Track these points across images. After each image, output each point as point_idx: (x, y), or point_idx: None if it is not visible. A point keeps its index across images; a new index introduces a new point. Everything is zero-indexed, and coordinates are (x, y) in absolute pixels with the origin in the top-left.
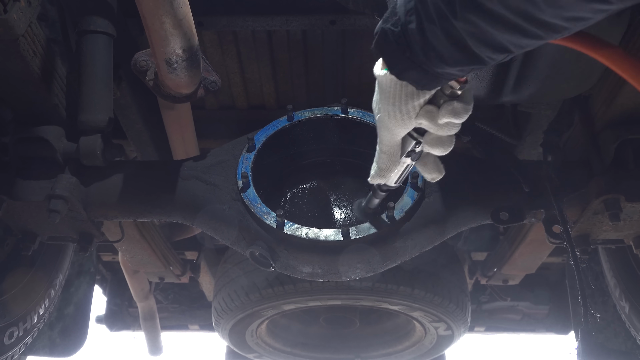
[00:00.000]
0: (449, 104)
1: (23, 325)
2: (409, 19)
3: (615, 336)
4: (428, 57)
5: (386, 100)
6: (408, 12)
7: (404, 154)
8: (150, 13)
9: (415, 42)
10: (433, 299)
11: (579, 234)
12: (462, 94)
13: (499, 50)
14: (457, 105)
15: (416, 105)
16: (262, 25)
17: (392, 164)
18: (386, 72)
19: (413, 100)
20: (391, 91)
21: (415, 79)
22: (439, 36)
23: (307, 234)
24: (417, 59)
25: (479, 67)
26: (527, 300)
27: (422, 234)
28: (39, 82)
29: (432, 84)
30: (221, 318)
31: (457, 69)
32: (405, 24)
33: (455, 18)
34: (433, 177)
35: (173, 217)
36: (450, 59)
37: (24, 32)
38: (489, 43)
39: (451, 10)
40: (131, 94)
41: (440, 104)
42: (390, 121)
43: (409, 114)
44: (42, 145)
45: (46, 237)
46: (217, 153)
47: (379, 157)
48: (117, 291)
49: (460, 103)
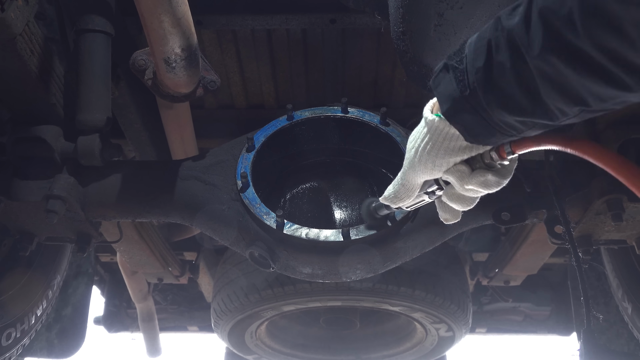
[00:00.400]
0: (483, 173)
1: (20, 327)
2: (478, 56)
3: (618, 337)
4: (488, 100)
5: (424, 145)
6: (478, 49)
7: (423, 192)
8: (149, 12)
9: (478, 80)
10: (434, 300)
11: (581, 235)
12: (500, 168)
13: (573, 102)
14: (490, 178)
15: (451, 162)
16: (262, 24)
17: (407, 197)
18: (436, 118)
19: (451, 156)
20: (434, 138)
21: (468, 125)
22: (507, 75)
23: (307, 234)
24: (476, 101)
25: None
26: (529, 301)
27: (423, 235)
28: (36, 82)
29: (484, 136)
30: (220, 319)
31: (517, 120)
32: (472, 61)
33: (532, 56)
34: (446, 219)
35: (172, 217)
36: (514, 105)
37: (21, 31)
38: (564, 90)
39: (529, 47)
40: (130, 93)
41: (474, 167)
42: (419, 165)
43: (440, 168)
44: (39, 145)
45: (44, 238)
46: (216, 153)
47: (397, 185)
48: (116, 292)
49: (494, 177)
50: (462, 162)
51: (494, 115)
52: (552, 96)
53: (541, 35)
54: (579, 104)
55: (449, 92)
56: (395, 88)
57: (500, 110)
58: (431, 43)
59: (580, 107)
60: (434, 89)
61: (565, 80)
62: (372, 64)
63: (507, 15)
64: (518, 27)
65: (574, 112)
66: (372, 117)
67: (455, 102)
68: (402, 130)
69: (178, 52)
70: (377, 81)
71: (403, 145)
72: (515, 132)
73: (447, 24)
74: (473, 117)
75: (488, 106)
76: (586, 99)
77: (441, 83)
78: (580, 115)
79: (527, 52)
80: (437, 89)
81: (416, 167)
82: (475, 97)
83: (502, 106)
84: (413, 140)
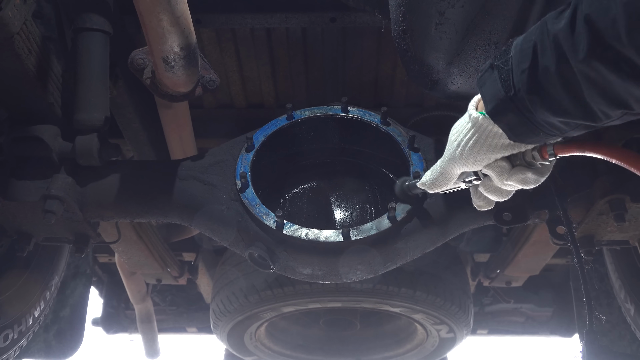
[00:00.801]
0: (523, 171)
1: (18, 328)
2: (524, 58)
3: (620, 339)
4: (532, 101)
5: (467, 141)
6: (523, 51)
7: (460, 180)
8: (148, 10)
9: (523, 81)
10: (435, 301)
11: (584, 235)
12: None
13: (616, 105)
14: (530, 176)
15: (492, 158)
16: (261, 22)
17: (444, 185)
18: (480, 115)
19: (493, 153)
20: (478, 136)
21: (512, 124)
22: (552, 77)
23: (307, 234)
24: (521, 101)
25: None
26: (531, 302)
27: (424, 235)
28: (34, 81)
29: (527, 135)
30: (219, 320)
31: (561, 121)
32: (517, 62)
33: (577, 61)
34: (480, 206)
35: (170, 217)
36: (557, 106)
37: (18, 30)
38: (608, 94)
39: (574, 51)
40: (128, 92)
41: (514, 164)
42: (460, 159)
43: (482, 163)
44: (37, 144)
45: (41, 238)
46: (215, 153)
47: (435, 173)
48: (114, 293)
49: (534, 175)
50: (503, 159)
51: (538, 115)
52: (595, 100)
53: (586, 40)
54: (622, 107)
55: (494, 91)
56: (395, 87)
57: (543, 111)
58: (432, 42)
59: (623, 110)
60: (479, 87)
61: (609, 85)
62: (373, 63)
63: (553, 19)
64: (563, 31)
65: (617, 114)
66: (372, 116)
67: (500, 102)
68: (402, 130)
69: (177, 51)
70: (377, 80)
71: (403, 145)
72: (559, 132)
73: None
74: (517, 117)
75: (532, 107)
76: (629, 102)
77: (487, 82)
78: (623, 117)
79: (572, 56)
80: (483, 88)
81: (457, 160)
82: (520, 97)
83: (546, 107)
84: (456, 134)
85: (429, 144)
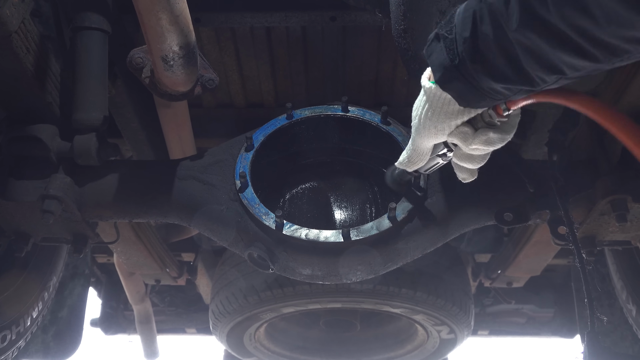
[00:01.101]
0: (485, 132)
1: (16, 329)
2: (465, 27)
3: (622, 340)
4: (476, 69)
5: (425, 112)
6: (464, 20)
7: (435, 155)
8: (147, 9)
9: (466, 50)
10: (435, 301)
11: (585, 235)
12: (501, 125)
13: (551, 70)
14: (492, 135)
15: (452, 124)
16: (261, 21)
17: (420, 161)
18: (432, 85)
19: (451, 119)
20: (432, 104)
21: (460, 91)
22: (491, 46)
23: (306, 235)
24: (465, 69)
25: (526, 88)
26: (532, 303)
27: (425, 235)
28: (32, 80)
29: (475, 101)
30: (219, 321)
31: (504, 87)
32: (460, 31)
33: (511, 30)
34: (463, 178)
35: (169, 217)
36: (499, 73)
37: (16, 29)
38: (542, 61)
39: (508, 21)
40: (127, 91)
41: (477, 127)
42: (423, 131)
43: (443, 132)
44: (35, 144)
45: (39, 239)
46: (214, 152)
47: (409, 151)
48: (112, 294)
49: (496, 134)
50: (465, 124)
51: (481, 82)
52: (532, 66)
53: (518, 11)
54: (556, 73)
55: (440, 60)
56: (396, 86)
57: (486, 78)
58: None
59: (557, 75)
60: (427, 57)
61: (542, 52)
62: (373, 62)
63: None
64: (498, 1)
65: (552, 79)
66: (372, 116)
67: (446, 71)
68: (403, 130)
69: (176, 50)
70: (377, 80)
71: (404, 145)
72: (502, 97)
73: None
74: (463, 84)
75: (475, 74)
76: (562, 68)
77: (433, 52)
78: (559, 82)
79: (506, 25)
80: (430, 57)
81: (421, 133)
82: (464, 65)
83: (488, 74)
84: (415, 109)
85: None
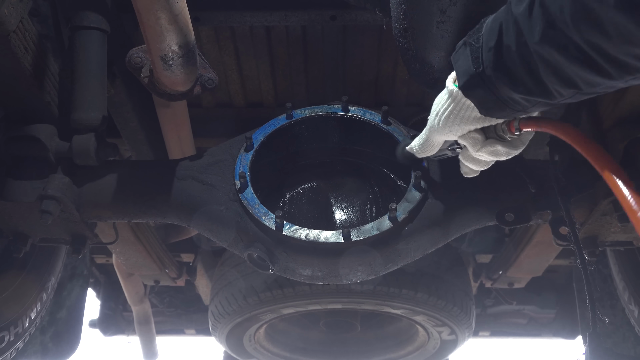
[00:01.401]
0: (493, 143)
1: (14, 330)
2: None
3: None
4: (498, 77)
5: (443, 112)
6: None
7: (445, 148)
8: (145, 8)
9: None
10: (436, 302)
11: (587, 236)
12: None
13: (567, 85)
14: (500, 148)
15: (466, 129)
16: (260, 20)
17: (429, 152)
18: (455, 88)
19: (466, 124)
20: (453, 107)
21: (481, 99)
22: (514, 57)
23: (306, 235)
24: (488, 77)
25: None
26: (533, 303)
27: (425, 236)
28: (30, 80)
29: (495, 110)
30: (218, 322)
31: (522, 97)
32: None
33: (533, 42)
34: (465, 172)
35: (169, 218)
36: (519, 84)
37: (15, 28)
38: (559, 74)
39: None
40: (126, 91)
41: (488, 136)
42: (438, 128)
43: (456, 133)
44: (33, 144)
45: (38, 239)
46: (214, 152)
47: (421, 139)
48: (111, 294)
49: (504, 147)
50: (478, 130)
51: (502, 91)
52: (550, 79)
53: (540, 24)
54: (572, 87)
55: (465, 67)
56: (396, 86)
57: (506, 87)
58: (434, 40)
59: (574, 90)
60: (453, 63)
61: (560, 66)
62: (373, 61)
63: (516, 1)
64: (523, 14)
65: (569, 93)
66: (373, 115)
67: (470, 78)
68: (403, 129)
69: (175, 50)
70: (378, 79)
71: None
72: (521, 108)
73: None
74: (485, 92)
75: (497, 83)
76: (578, 83)
77: (460, 58)
78: (575, 96)
79: (529, 38)
80: (457, 63)
81: (435, 129)
82: (487, 74)
83: (508, 84)
84: (436, 105)
85: None
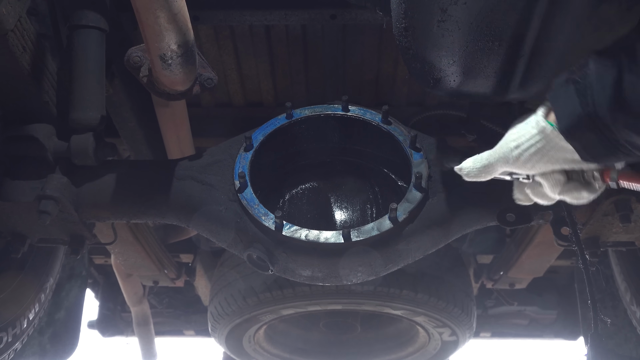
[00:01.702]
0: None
1: (12, 331)
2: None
3: (626, 342)
4: (615, 117)
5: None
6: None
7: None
8: (144, 7)
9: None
10: (437, 303)
11: (589, 236)
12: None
13: None
14: (584, 194)
15: (550, 169)
16: (260, 19)
17: (485, 177)
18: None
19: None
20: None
21: (588, 143)
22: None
23: (306, 236)
24: (599, 117)
25: None
26: (535, 304)
27: (426, 236)
28: (28, 79)
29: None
30: (217, 323)
31: None
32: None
33: None
34: (519, 199)
35: (167, 218)
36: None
37: (13, 27)
38: None
39: None
40: (124, 91)
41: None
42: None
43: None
44: (31, 144)
45: (36, 239)
46: (213, 152)
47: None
48: (110, 295)
49: (588, 194)
50: (561, 171)
51: (620, 135)
52: None
53: None
54: None
55: (570, 108)
56: (397, 86)
57: (626, 130)
58: (434, 39)
59: None
60: (552, 102)
61: None
62: (374, 61)
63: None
64: None
65: None
66: (373, 115)
67: (577, 120)
68: (404, 129)
69: (174, 49)
70: (378, 79)
71: (405, 145)
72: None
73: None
74: (595, 136)
75: (614, 125)
76: None
77: (561, 97)
78: None
79: None
80: (557, 102)
81: (510, 162)
82: (598, 113)
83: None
84: (517, 136)
85: (431, 144)
